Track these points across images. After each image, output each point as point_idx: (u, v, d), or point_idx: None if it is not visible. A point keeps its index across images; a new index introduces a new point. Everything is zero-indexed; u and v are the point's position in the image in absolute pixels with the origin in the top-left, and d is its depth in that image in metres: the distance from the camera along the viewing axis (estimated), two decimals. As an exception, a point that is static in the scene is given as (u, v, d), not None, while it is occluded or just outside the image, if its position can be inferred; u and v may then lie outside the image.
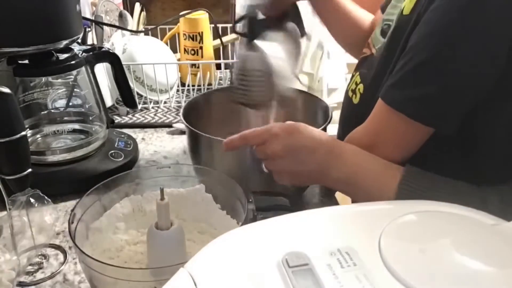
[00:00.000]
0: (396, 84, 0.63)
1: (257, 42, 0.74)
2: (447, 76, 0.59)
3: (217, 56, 1.36)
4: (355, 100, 0.77)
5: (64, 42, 0.79)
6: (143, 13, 1.43)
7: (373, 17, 0.93)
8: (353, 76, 0.80)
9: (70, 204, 0.81)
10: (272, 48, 0.75)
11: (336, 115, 0.83)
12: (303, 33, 0.84)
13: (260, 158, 0.69)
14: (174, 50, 1.34)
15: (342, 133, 0.76)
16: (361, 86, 0.76)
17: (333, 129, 0.94)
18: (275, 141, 0.66)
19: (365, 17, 0.93)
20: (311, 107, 0.88)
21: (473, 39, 0.57)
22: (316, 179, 0.73)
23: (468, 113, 0.61)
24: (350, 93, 0.79)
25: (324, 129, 0.78)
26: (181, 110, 0.83)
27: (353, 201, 0.74)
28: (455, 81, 0.59)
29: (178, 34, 1.32)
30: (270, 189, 0.71)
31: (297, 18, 0.85)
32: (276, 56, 0.74)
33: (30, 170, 0.65)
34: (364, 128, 0.69)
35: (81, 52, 0.85)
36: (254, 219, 0.59)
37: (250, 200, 0.60)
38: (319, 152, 0.66)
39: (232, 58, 1.36)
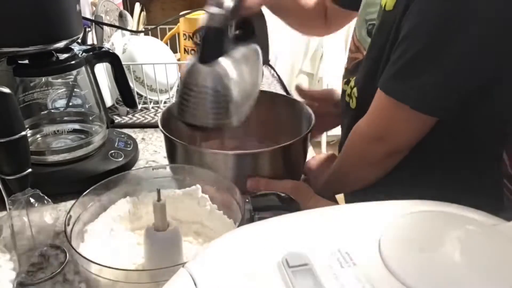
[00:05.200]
0: (396, 74, 0.62)
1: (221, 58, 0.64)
2: (446, 61, 0.59)
3: (217, 56, 1.35)
4: (352, 104, 0.77)
5: (64, 42, 0.79)
6: (143, 13, 1.43)
7: None
8: (349, 81, 0.79)
9: (70, 204, 0.80)
10: (233, 67, 0.65)
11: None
12: (265, 59, 0.77)
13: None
14: (174, 50, 1.34)
15: (345, 139, 0.76)
16: (355, 90, 0.76)
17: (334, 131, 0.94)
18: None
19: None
20: (295, 114, 0.84)
21: (467, 21, 0.56)
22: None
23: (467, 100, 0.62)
24: (347, 98, 0.79)
25: (306, 136, 0.75)
26: (159, 117, 0.79)
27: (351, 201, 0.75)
28: (455, 65, 0.58)
29: (178, 34, 1.31)
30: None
31: (263, 41, 0.78)
32: (236, 78, 0.64)
33: (30, 170, 0.65)
34: (367, 120, 0.69)
35: (81, 52, 0.85)
36: (251, 220, 0.59)
37: (247, 200, 0.60)
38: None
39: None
